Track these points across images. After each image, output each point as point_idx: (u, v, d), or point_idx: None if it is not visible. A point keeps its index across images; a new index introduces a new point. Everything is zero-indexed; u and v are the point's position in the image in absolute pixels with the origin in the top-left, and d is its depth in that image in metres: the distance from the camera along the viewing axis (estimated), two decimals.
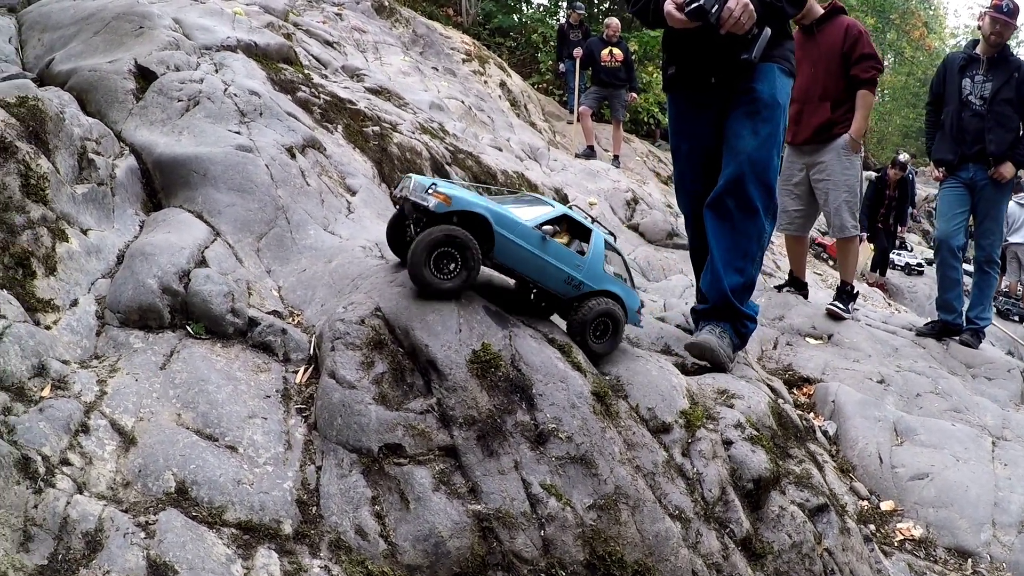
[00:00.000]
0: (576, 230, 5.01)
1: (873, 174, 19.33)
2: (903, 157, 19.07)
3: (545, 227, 4.73)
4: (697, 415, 4.90)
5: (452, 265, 4.44)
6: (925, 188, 26.15)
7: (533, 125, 17.11)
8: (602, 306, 4.93)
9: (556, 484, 4.14)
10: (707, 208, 5.88)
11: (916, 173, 21.66)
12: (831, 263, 15.70)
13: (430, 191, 4.46)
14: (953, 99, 9.45)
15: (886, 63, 50.35)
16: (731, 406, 5.19)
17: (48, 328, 4.33)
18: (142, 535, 3.47)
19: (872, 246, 17.53)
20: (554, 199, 5.16)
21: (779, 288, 10.01)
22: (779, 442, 5.19)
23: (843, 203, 9.04)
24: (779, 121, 5.75)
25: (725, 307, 5.88)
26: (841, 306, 9.23)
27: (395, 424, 4.11)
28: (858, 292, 9.85)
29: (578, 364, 4.66)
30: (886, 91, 49.72)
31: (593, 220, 5.16)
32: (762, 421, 5.16)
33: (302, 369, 4.64)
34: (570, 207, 5.07)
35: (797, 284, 9.93)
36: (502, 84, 17.83)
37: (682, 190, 6.39)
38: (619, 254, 5.29)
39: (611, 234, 5.27)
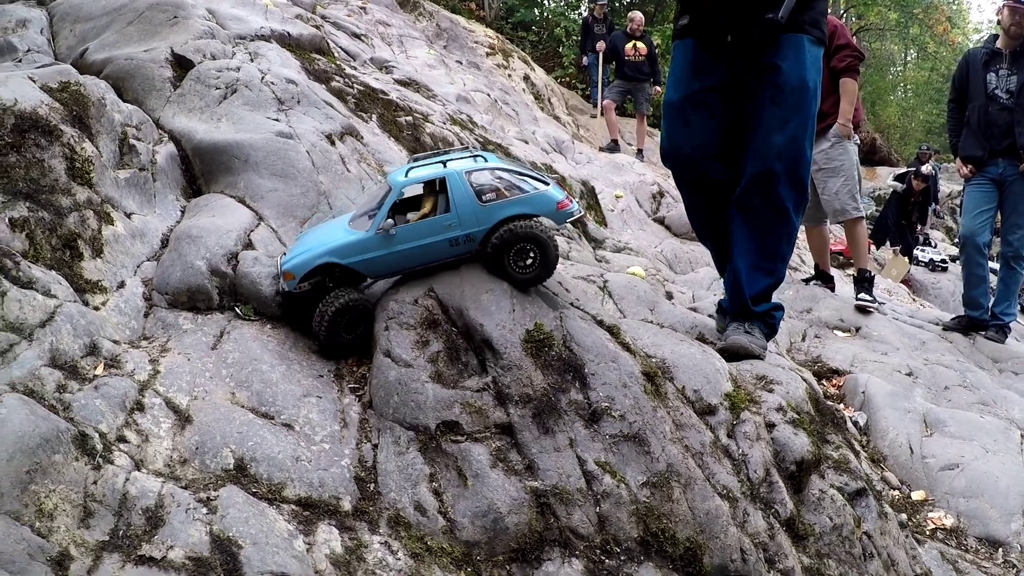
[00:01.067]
0: (438, 187, 4.68)
1: (899, 185, 19.20)
2: (926, 169, 18.99)
3: (384, 224, 4.50)
4: (741, 398, 4.89)
5: (358, 322, 4.64)
6: (948, 184, 26.09)
7: (557, 119, 17.11)
8: (505, 236, 4.55)
9: (610, 461, 4.15)
10: (733, 208, 5.58)
11: (940, 169, 21.56)
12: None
13: (280, 274, 4.71)
14: (979, 94, 9.37)
15: (908, 58, 49.96)
16: (771, 391, 5.17)
17: (97, 309, 4.34)
18: (204, 511, 3.48)
19: (906, 258, 17.45)
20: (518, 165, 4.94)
21: (806, 281, 9.99)
22: (817, 427, 5.17)
23: (841, 187, 9.14)
24: (811, 107, 5.32)
25: (747, 312, 5.79)
26: (868, 298, 9.20)
27: (452, 402, 4.14)
28: (874, 275, 9.81)
29: (627, 345, 4.66)
30: (909, 87, 49.46)
31: (445, 163, 4.69)
32: (800, 407, 5.15)
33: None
34: (412, 165, 4.77)
35: (823, 277, 9.91)
36: (526, 78, 17.83)
37: (671, 147, 5.63)
38: (497, 165, 4.73)
39: (475, 155, 4.79)
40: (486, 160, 4.72)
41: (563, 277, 5.11)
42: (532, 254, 4.60)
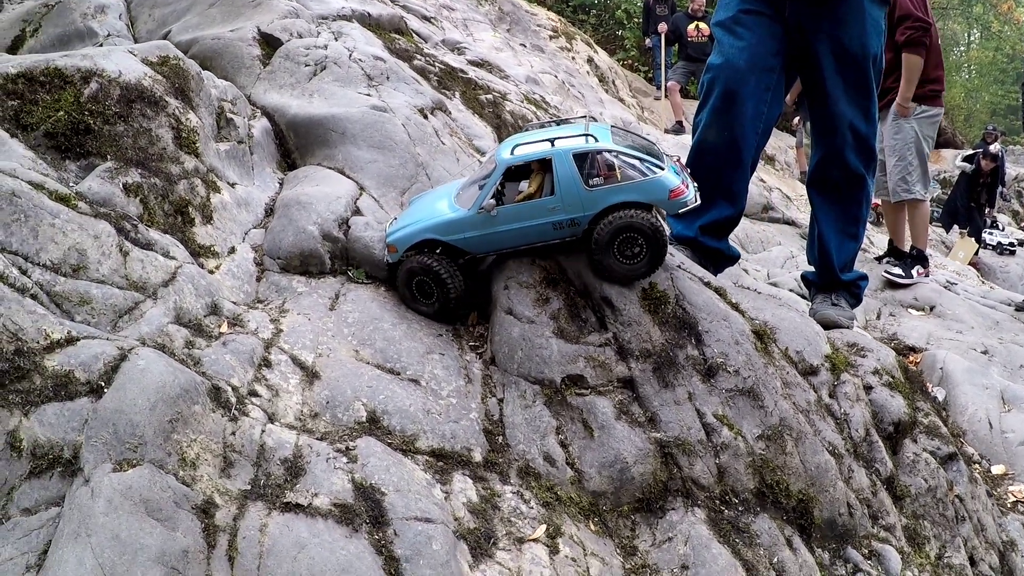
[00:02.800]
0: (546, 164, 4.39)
1: (968, 166, 19.05)
2: (995, 148, 18.87)
3: (486, 203, 4.32)
4: (840, 360, 4.98)
5: (431, 288, 4.55)
6: (1015, 168, 25.81)
7: (622, 101, 17.08)
8: (611, 225, 4.27)
9: (727, 415, 4.21)
10: (810, 186, 5.82)
11: (1006, 152, 21.33)
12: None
13: (387, 244, 4.64)
14: None
15: (972, 38, 49.25)
16: (864, 356, 5.26)
17: (211, 272, 4.39)
18: (344, 460, 3.53)
19: (973, 240, 17.28)
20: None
21: (879, 259, 9.93)
22: (908, 393, 5.20)
23: (893, 168, 9.11)
24: (874, 74, 5.40)
25: (835, 282, 5.84)
26: (897, 271, 9.19)
27: (576, 356, 4.19)
28: (925, 255, 9.69)
29: (736, 305, 4.70)
30: (973, 67, 48.75)
31: (553, 140, 4.34)
32: (892, 372, 5.19)
33: (475, 314, 4.71)
34: (518, 141, 4.46)
35: (896, 254, 9.83)
36: (589, 60, 17.80)
37: (724, 61, 5.43)
38: (608, 147, 4.33)
39: (586, 134, 4.38)
40: (596, 139, 4.37)
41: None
42: (639, 245, 4.34)
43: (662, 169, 4.36)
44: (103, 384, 3.31)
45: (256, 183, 5.33)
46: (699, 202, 4.48)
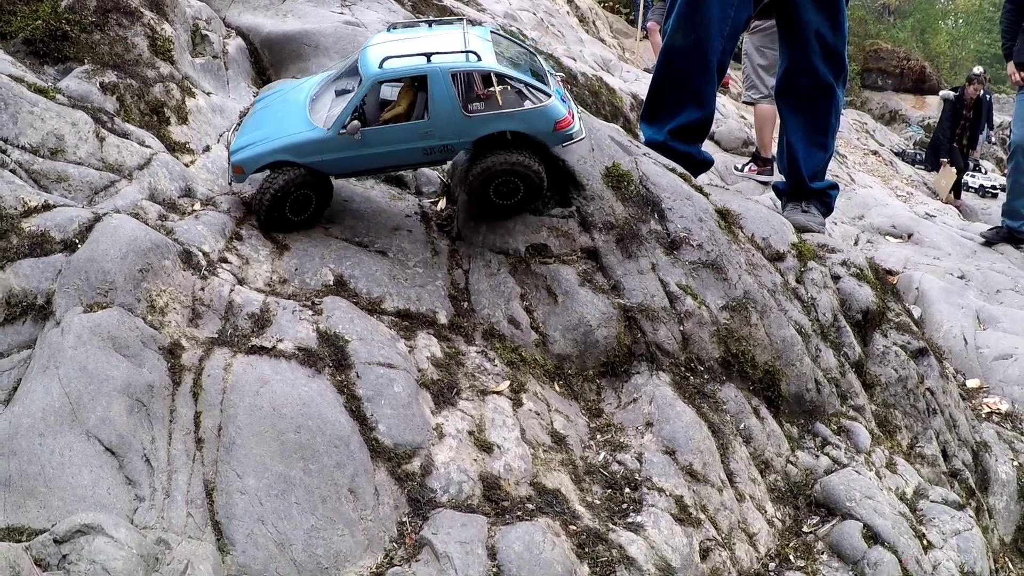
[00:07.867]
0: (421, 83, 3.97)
1: (951, 93, 19.06)
2: (978, 70, 18.87)
3: (349, 125, 3.89)
4: (807, 249, 5.07)
5: (308, 200, 4.11)
6: (1001, 115, 25.72)
7: (602, 41, 16.98)
8: (485, 167, 4.03)
9: (691, 285, 4.30)
10: (779, 97, 5.88)
11: (992, 97, 21.20)
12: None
13: (230, 164, 4.14)
14: None
15: None
16: (834, 253, 5.34)
17: (187, 166, 4.48)
18: (310, 313, 3.65)
19: (955, 169, 17.32)
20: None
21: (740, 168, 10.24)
22: (879, 288, 5.30)
23: (744, 78, 10.01)
24: None
25: (805, 191, 5.90)
26: (737, 167, 10.07)
27: (540, 227, 4.28)
28: (759, 156, 10.06)
29: (699, 188, 4.81)
30: (960, 16, 48.22)
31: (429, 56, 3.85)
32: (861, 267, 5.27)
33: (444, 199, 4.77)
34: (390, 53, 3.91)
35: (754, 157, 10.19)
36: (570, 0, 17.73)
37: None
38: (492, 68, 3.92)
39: (467, 51, 3.89)
40: (479, 57, 3.89)
41: (633, 140, 5.21)
42: (517, 186, 4.13)
43: (548, 96, 4.01)
44: (77, 242, 3.45)
45: (232, 96, 5.42)
46: (584, 135, 4.19)
